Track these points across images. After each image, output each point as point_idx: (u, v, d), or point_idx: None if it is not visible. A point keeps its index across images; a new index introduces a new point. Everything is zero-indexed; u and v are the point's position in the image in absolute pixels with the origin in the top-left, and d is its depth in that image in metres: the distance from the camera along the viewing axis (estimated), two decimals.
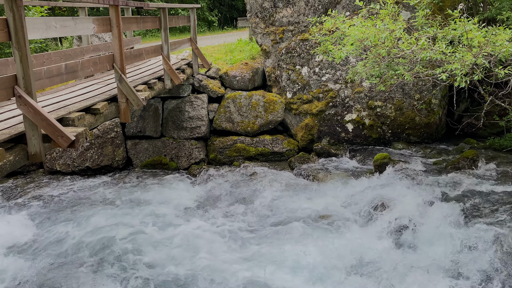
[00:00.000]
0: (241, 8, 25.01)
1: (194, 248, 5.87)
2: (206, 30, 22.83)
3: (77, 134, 3.91)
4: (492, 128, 8.80)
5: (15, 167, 3.68)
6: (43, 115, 3.61)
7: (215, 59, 10.50)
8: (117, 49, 5.13)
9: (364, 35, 5.24)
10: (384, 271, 5.12)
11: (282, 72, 9.27)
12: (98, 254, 5.83)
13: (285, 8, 9.17)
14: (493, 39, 4.71)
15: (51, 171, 8.94)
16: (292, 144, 9.14)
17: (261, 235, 6.24)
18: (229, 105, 9.11)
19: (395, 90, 8.59)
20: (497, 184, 6.61)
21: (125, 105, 5.40)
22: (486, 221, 5.53)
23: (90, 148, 8.85)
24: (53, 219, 6.91)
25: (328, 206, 6.82)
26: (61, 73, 4.22)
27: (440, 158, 7.90)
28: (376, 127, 8.91)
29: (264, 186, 7.59)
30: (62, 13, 20.77)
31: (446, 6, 7.80)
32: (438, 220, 5.77)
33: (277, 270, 5.24)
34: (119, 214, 6.92)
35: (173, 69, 7.01)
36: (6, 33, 3.35)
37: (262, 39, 9.51)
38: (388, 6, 5.49)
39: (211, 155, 9.11)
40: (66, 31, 4.33)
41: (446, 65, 4.85)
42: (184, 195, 7.63)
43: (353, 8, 8.68)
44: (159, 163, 9.07)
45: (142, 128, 9.11)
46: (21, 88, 3.53)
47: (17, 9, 3.34)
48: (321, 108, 9.01)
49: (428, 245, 5.47)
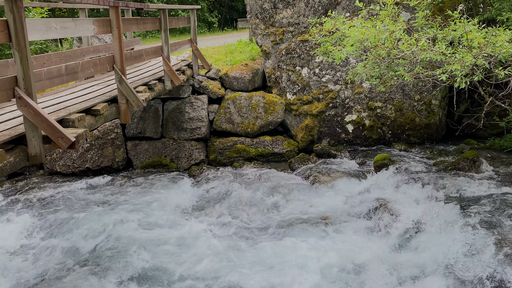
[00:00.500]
0: (241, 9, 25.03)
1: (194, 249, 5.87)
2: (206, 31, 22.85)
3: (77, 135, 3.91)
4: (492, 129, 8.80)
5: (15, 168, 3.68)
6: (43, 116, 3.61)
7: (215, 60, 10.51)
8: (117, 50, 5.13)
9: (364, 36, 5.24)
10: (385, 272, 5.12)
11: (282, 73, 9.28)
12: (98, 256, 5.82)
13: (285, 9, 9.18)
14: (493, 40, 4.72)
15: (51, 172, 8.95)
16: (292, 145, 9.14)
17: (261, 236, 6.24)
18: (229, 106, 9.12)
19: (395, 91, 8.60)
20: (498, 185, 6.60)
21: (125, 106, 5.40)
22: (486, 222, 5.53)
23: (90, 149, 8.85)
24: (53, 220, 6.91)
25: (328, 207, 6.82)
26: (61, 74, 4.23)
27: (440, 159, 7.90)
28: (376, 128, 8.91)
29: (264, 187, 7.59)
30: (62, 15, 20.79)
31: (446, 7, 7.81)
32: (439, 221, 5.76)
33: (277, 271, 5.24)
34: (119, 215, 6.91)
35: (173, 70, 7.01)
36: (6, 34, 3.36)
37: (262, 40, 9.52)
38: (388, 7, 5.50)
39: (211, 156, 9.11)
40: (66, 32, 4.33)
41: (446, 66, 4.86)
42: (184, 196, 7.63)
43: (353, 9, 8.69)
44: (159, 164, 9.07)
45: (142, 129, 9.11)
46: (21, 90, 3.53)
47: (18, 11, 3.34)
48: (321, 109, 9.01)
49: (428, 246, 5.47)
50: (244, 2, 10.07)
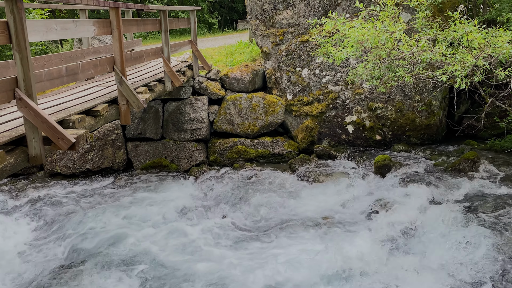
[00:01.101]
0: (241, 10, 25.05)
1: (194, 250, 5.87)
2: (206, 32, 22.86)
3: (78, 137, 3.91)
4: (492, 129, 8.79)
5: (15, 170, 3.68)
6: (43, 118, 3.61)
7: (215, 61, 10.51)
8: (117, 51, 5.13)
9: (364, 37, 5.24)
10: (385, 273, 5.12)
11: (282, 74, 9.28)
12: (98, 256, 5.82)
13: (285, 10, 9.18)
14: (493, 40, 4.72)
15: (51, 174, 8.94)
16: (293, 146, 9.14)
17: (262, 236, 6.24)
18: (229, 107, 9.12)
19: (395, 91, 8.59)
20: (498, 185, 6.60)
21: (125, 107, 5.40)
22: (488, 223, 5.53)
23: (91, 150, 8.86)
24: (53, 222, 6.91)
25: (329, 208, 6.83)
26: (61, 76, 4.23)
27: (441, 159, 7.89)
28: (376, 128, 8.91)
29: (264, 188, 7.59)
30: (62, 16, 20.80)
31: (446, 7, 7.81)
32: (439, 223, 5.77)
33: (277, 271, 5.23)
34: (119, 216, 6.91)
35: (173, 71, 7.01)
36: (6, 35, 3.35)
37: (262, 41, 9.52)
38: (388, 8, 5.50)
39: (211, 157, 9.11)
40: (66, 34, 4.33)
41: (446, 67, 4.86)
42: (184, 197, 7.63)
43: (353, 10, 8.69)
44: (159, 165, 9.07)
45: (143, 130, 9.11)
46: (22, 91, 3.53)
47: (18, 12, 3.34)
48: (322, 110, 9.01)
49: (428, 247, 5.47)
50: (244, 3, 10.07)
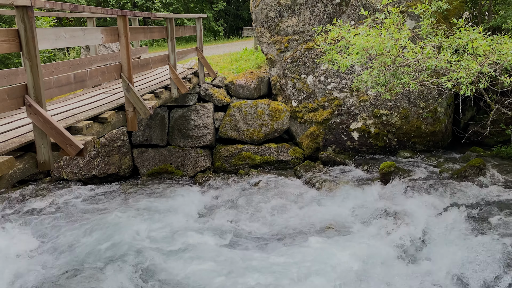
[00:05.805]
0: (246, 18, 25.19)
1: (200, 256, 5.87)
2: (212, 40, 22.99)
3: (86, 143, 3.95)
4: (498, 136, 8.76)
5: (24, 175, 3.72)
6: (52, 124, 3.65)
7: (220, 68, 10.58)
8: (124, 58, 5.19)
9: (369, 44, 5.28)
10: (392, 281, 5.09)
11: (287, 80, 9.32)
12: (104, 262, 5.84)
13: (290, 17, 9.24)
14: (499, 47, 4.73)
15: (58, 179, 9.01)
16: (298, 153, 9.15)
17: (267, 244, 6.23)
18: (234, 114, 9.16)
19: (400, 98, 8.60)
20: (505, 192, 6.57)
21: (132, 113, 5.45)
22: (493, 230, 5.50)
23: (97, 156, 8.91)
24: (59, 227, 6.94)
25: (334, 216, 6.81)
26: (70, 83, 4.28)
27: (446, 166, 7.87)
28: (381, 135, 8.91)
29: (269, 195, 7.60)
30: (70, 23, 21.03)
31: (451, 15, 7.84)
32: (445, 230, 5.74)
33: (283, 279, 5.22)
34: (125, 222, 6.94)
35: (179, 78, 7.07)
36: (17, 43, 3.41)
37: (267, 48, 9.58)
38: (393, 16, 5.53)
39: (216, 164, 9.14)
40: (75, 41, 4.39)
41: (451, 74, 4.87)
42: (190, 204, 7.64)
43: (358, 17, 8.73)
44: (165, 171, 9.11)
45: (149, 136, 9.17)
46: (31, 97, 3.58)
47: (29, 20, 3.40)
48: (327, 117, 9.03)
49: (435, 254, 5.44)
50: (250, 11, 10.15)
